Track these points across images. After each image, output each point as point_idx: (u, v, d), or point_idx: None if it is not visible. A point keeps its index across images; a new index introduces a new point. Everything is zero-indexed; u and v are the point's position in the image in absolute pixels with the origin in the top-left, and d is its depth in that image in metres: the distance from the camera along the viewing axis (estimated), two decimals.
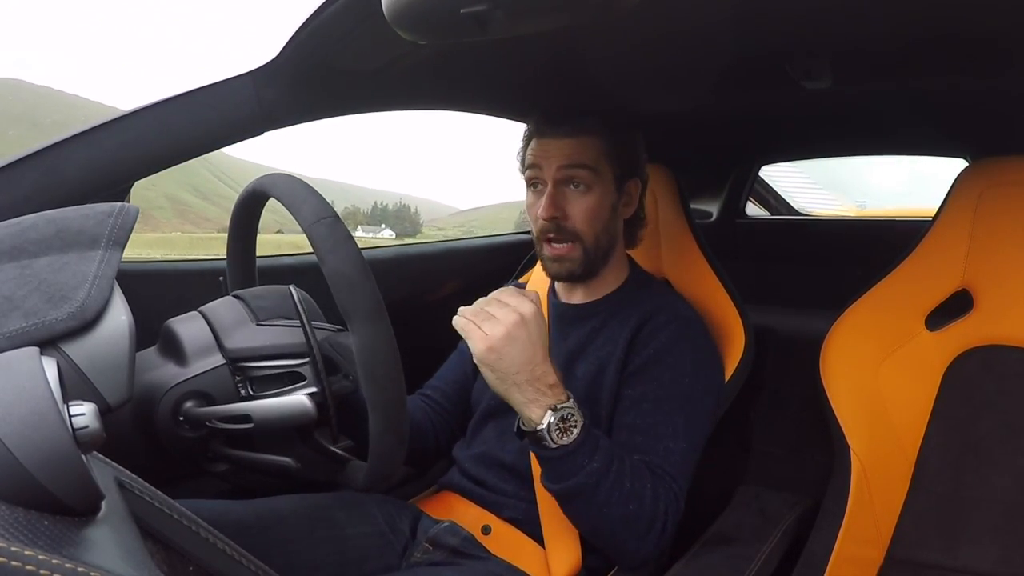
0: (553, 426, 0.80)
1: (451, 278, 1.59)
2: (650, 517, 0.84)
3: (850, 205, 3.81)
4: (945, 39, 0.86)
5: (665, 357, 0.95)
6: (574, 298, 1.08)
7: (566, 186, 0.98)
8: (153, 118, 0.86)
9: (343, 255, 0.62)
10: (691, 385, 0.94)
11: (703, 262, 1.16)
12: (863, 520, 1.00)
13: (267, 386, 0.69)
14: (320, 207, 0.64)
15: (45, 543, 0.30)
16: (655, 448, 0.89)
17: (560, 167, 0.97)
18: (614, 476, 0.82)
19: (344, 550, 0.93)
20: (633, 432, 0.91)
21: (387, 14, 0.61)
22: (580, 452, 0.81)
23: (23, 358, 0.37)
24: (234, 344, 0.69)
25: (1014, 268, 1.00)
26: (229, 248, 0.86)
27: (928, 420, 1.03)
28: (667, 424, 0.91)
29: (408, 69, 0.95)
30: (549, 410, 0.80)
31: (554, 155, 0.98)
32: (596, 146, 0.98)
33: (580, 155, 0.97)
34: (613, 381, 0.96)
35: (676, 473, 0.89)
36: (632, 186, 1.04)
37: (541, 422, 0.80)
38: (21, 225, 0.51)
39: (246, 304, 0.74)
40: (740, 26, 0.83)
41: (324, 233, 0.63)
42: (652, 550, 0.86)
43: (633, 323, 0.98)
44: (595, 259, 1.01)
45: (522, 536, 0.97)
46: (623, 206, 1.03)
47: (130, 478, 0.45)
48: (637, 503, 0.83)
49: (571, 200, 0.98)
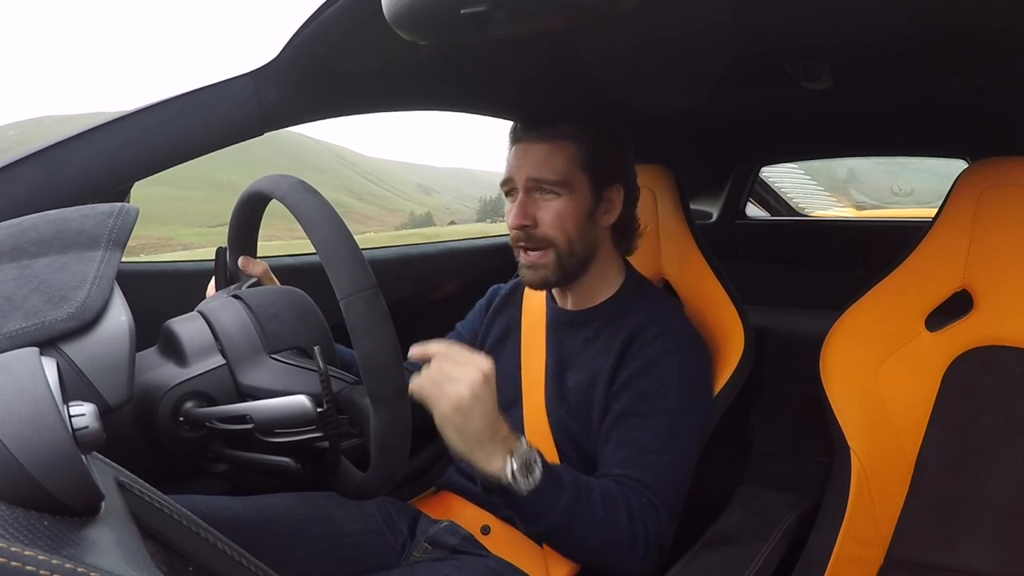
0: (517, 472, 0.78)
1: (451, 278, 1.59)
2: (630, 539, 0.84)
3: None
4: (945, 39, 0.86)
5: (652, 370, 0.94)
6: (567, 304, 1.08)
7: (537, 193, 0.98)
8: (153, 118, 0.86)
9: (379, 340, 0.61)
10: (678, 399, 0.93)
11: (703, 263, 1.16)
12: (863, 520, 1.00)
13: (276, 423, 0.68)
14: (361, 276, 0.61)
15: (45, 543, 0.30)
16: (637, 461, 0.89)
17: (529, 177, 0.97)
18: (585, 508, 0.81)
19: (342, 548, 0.93)
20: (618, 446, 0.91)
21: (387, 14, 0.61)
22: (548, 490, 0.79)
23: (23, 358, 0.37)
24: (249, 381, 0.67)
25: (1014, 269, 1.00)
26: (229, 248, 0.86)
27: (928, 421, 1.03)
28: (652, 438, 0.90)
29: (408, 69, 0.95)
30: (508, 456, 0.78)
31: (525, 163, 0.98)
32: (569, 152, 0.97)
33: (550, 162, 0.97)
34: (602, 395, 0.96)
35: (657, 486, 0.88)
36: (613, 193, 1.01)
37: (504, 472, 0.77)
38: (21, 225, 0.51)
39: (256, 320, 0.70)
40: (740, 26, 0.83)
41: (362, 310, 0.61)
42: (641, 565, 0.86)
43: (624, 336, 0.97)
44: (570, 267, 0.99)
45: (521, 536, 0.97)
46: (603, 213, 1.01)
47: (130, 478, 0.45)
48: (615, 529, 0.83)
49: (541, 207, 0.98)
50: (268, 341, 0.69)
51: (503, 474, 0.77)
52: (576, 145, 0.98)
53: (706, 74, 1.06)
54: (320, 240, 0.63)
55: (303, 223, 0.64)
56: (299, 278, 0.87)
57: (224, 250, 0.86)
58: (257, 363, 0.68)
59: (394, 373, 0.62)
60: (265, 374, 0.67)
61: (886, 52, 0.92)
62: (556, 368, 1.03)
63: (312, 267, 0.62)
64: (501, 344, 1.13)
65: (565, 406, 1.00)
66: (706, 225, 1.92)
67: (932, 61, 0.95)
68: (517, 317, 1.14)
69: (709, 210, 2.00)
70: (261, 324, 0.70)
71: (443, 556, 0.95)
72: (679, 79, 1.11)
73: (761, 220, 2.19)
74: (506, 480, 0.77)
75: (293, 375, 0.68)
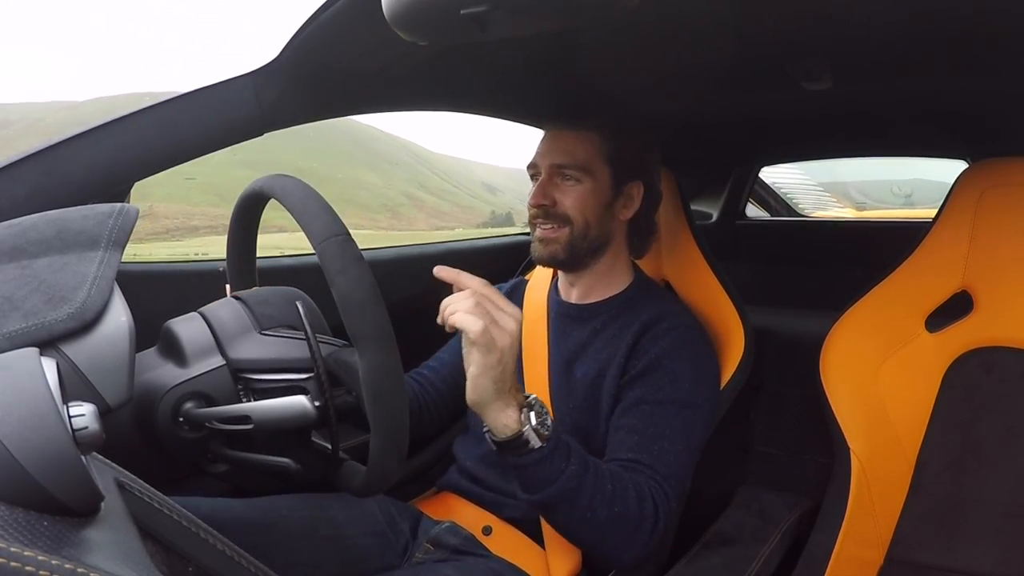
0: (533, 423, 0.76)
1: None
2: (637, 517, 0.82)
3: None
4: (945, 39, 0.86)
5: (665, 363, 0.94)
6: (572, 296, 1.09)
7: (559, 178, 1.01)
8: (153, 118, 0.86)
9: (354, 277, 0.61)
10: (690, 391, 0.93)
11: (703, 263, 1.16)
12: (863, 521, 1.00)
13: (268, 397, 0.69)
14: (332, 224, 0.63)
15: (45, 543, 0.30)
16: (649, 448, 0.89)
17: (553, 161, 1.00)
18: (592, 478, 0.80)
19: (345, 550, 0.93)
20: (630, 432, 0.91)
21: (387, 15, 0.61)
22: (558, 454, 0.78)
23: (23, 359, 0.37)
24: (237, 354, 0.68)
25: (1014, 269, 1.00)
26: (229, 248, 0.86)
27: (928, 421, 1.03)
28: (664, 426, 0.90)
29: (408, 70, 0.95)
30: (524, 408, 0.76)
31: (550, 150, 1.01)
32: (594, 143, 1.00)
33: (574, 150, 1.00)
34: (613, 386, 0.96)
35: (668, 473, 0.87)
36: (633, 188, 1.03)
37: (521, 423, 0.76)
38: (21, 225, 0.51)
39: (248, 308, 0.73)
40: (740, 26, 0.83)
41: (335, 252, 0.62)
42: (643, 551, 0.84)
43: (636, 328, 0.98)
44: (581, 248, 1.01)
45: (523, 537, 0.97)
46: (621, 207, 1.03)
47: (130, 479, 0.45)
48: (622, 505, 0.81)
49: (562, 190, 1.01)
50: (258, 321, 0.71)
51: (520, 425, 0.76)
52: (600, 137, 1.00)
53: (706, 74, 1.06)
54: (293, 203, 0.65)
55: (278, 196, 0.67)
56: (299, 278, 0.87)
57: (224, 272, 0.87)
58: (247, 339, 0.69)
59: (374, 309, 0.61)
60: (254, 346, 0.69)
61: (886, 52, 0.92)
62: (562, 362, 1.03)
63: (312, 267, 0.62)
64: None
65: (573, 399, 1.00)
66: (706, 225, 1.92)
67: (932, 61, 0.95)
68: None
69: (709, 211, 2.00)
70: (252, 309, 0.72)
71: (445, 557, 0.95)
72: (679, 79, 1.11)
73: (761, 220, 2.19)
74: (526, 430, 0.75)
75: (281, 345, 0.70)
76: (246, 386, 0.69)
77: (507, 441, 0.77)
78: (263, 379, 0.69)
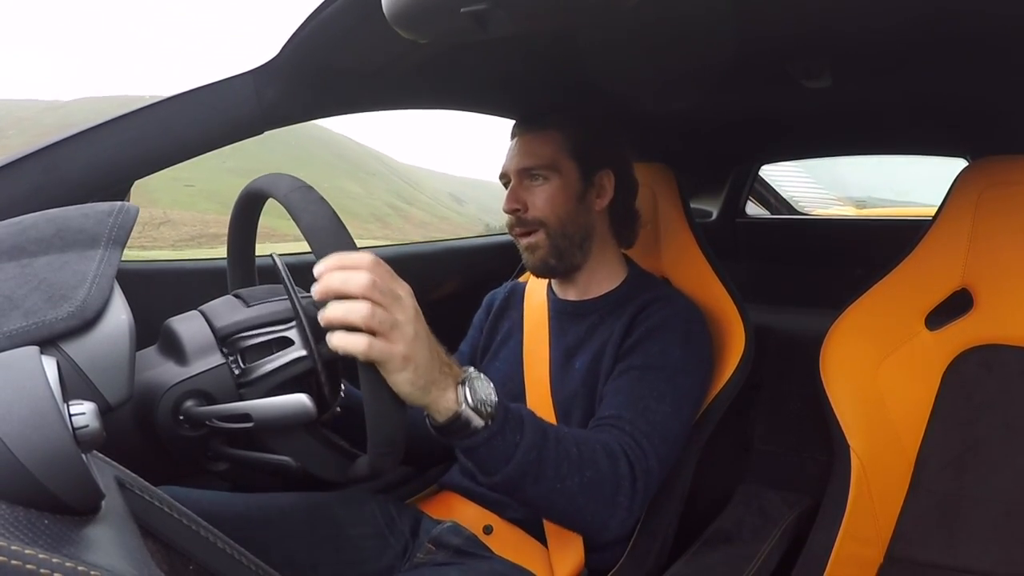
0: (471, 398, 0.67)
1: (451, 278, 1.59)
2: (612, 478, 0.78)
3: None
4: (945, 37, 0.86)
5: (656, 333, 0.96)
6: (569, 295, 1.09)
7: (528, 180, 1.03)
8: (153, 118, 0.86)
9: (316, 211, 0.64)
10: (681, 358, 0.94)
11: (703, 261, 1.16)
12: (863, 519, 1.00)
13: (257, 356, 0.69)
14: (294, 181, 0.68)
15: (45, 542, 0.30)
16: (634, 405, 0.86)
17: (520, 166, 1.03)
18: (553, 446, 0.74)
19: (344, 551, 0.93)
20: (616, 394, 0.90)
21: (387, 13, 0.61)
22: (508, 428, 0.70)
23: (23, 357, 0.37)
24: (223, 323, 0.70)
25: (1014, 268, 1.00)
26: (229, 248, 0.86)
27: (928, 420, 1.03)
28: (651, 388, 0.90)
29: (409, 68, 0.95)
30: (458, 385, 0.67)
31: (516, 156, 1.04)
32: (555, 140, 1.02)
33: (537, 150, 1.02)
34: (609, 365, 0.97)
35: (649, 431, 0.84)
36: (604, 178, 1.05)
37: (458, 402, 0.67)
38: (21, 224, 0.51)
39: (241, 298, 0.75)
40: (740, 26, 0.83)
41: (298, 197, 0.65)
42: (626, 515, 0.79)
43: (631, 310, 1.00)
44: (565, 249, 1.02)
45: (525, 535, 0.97)
46: (595, 197, 1.04)
47: (130, 477, 0.45)
48: (592, 468, 0.76)
49: (531, 192, 1.02)
50: (246, 299, 0.73)
51: (457, 405, 0.66)
52: (562, 133, 1.02)
53: (706, 74, 1.06)
54: (267, 181, 0.71)
55: (272, 194, 0.71)
56: (299, 278, 0.87)
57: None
58: (233, 311, 0.71)
59: (339, 232, 0.63)
60: (238, 315, 0.70)
61: (886, 51, 0.92)
62: (562, 358, 1.04)
63: (312, 267, 0.62)
64: (504, 344, 1.14)
65: (572, 388, 1.01)
66: (706, 224, 1.92)
67: (932, 59, 0.95)
68: (519, 317, 1.14)
69: (709, 209, 2.00)
70: (243, 296, 0.74)
71: (447, 559, 0.94)
72: (679, 79, 1.11)
73: (761, 219, 2.19)
74: (463, 410, 0.67)
75: (264, 307, 0.71)
76: (234, 349, 0.69)
77: (444, 425, 0.67)
78: (248, 335, 0.69)
